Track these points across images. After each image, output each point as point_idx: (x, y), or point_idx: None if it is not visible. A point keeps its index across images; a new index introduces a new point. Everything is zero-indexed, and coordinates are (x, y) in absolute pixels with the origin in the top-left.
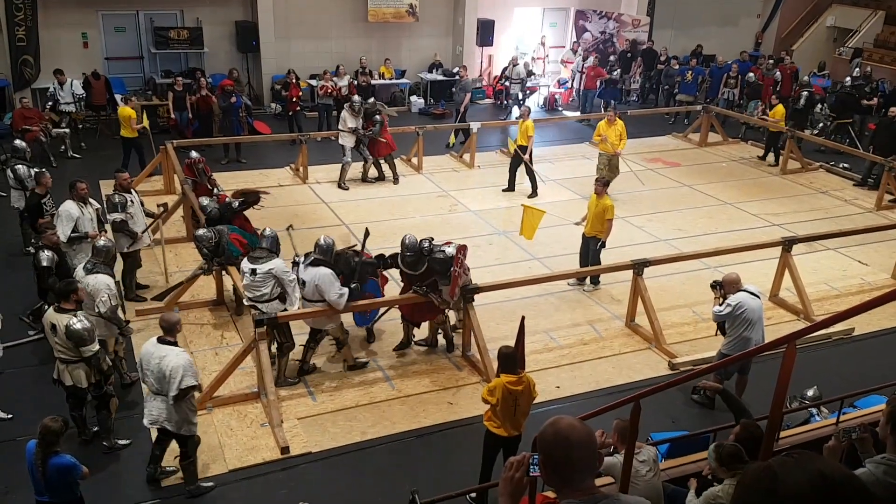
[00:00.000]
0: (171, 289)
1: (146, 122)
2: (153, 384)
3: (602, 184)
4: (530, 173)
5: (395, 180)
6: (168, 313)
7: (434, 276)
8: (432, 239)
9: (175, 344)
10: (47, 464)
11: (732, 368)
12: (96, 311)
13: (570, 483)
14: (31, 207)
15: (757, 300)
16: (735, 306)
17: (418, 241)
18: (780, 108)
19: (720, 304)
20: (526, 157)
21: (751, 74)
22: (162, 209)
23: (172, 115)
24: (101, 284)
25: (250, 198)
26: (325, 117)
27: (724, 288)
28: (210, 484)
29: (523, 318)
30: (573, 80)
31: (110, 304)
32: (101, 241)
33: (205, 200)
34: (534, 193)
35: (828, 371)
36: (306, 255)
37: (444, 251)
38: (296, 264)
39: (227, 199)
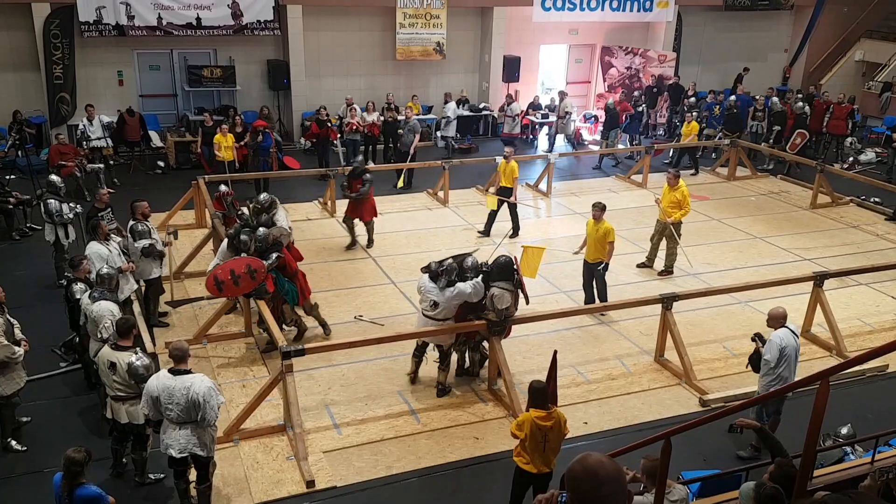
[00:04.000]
0: (191, 299)
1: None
2: (179, 416)
3: (599, 209)
4: (514, 214)
5: (370, 243)
6: (177, 342)
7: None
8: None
9: (190, 371)
10: (73, 495)
11: (770, 409)
12: (99, 336)
13: None
14: (88, 218)
15: (796, 339)
16: (781, 349)
17: (472, 260)
18: (694, 125)
19: (767, 354)
20: (512, 199)
21: (775, 99)
22: (172, 236)
23: (200, 150)
24: (105, 311)
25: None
26: (353, 152)
27: (768, 322)
28: None
29: (555, 352)
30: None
31: (113, 331)
32: (105, 269)
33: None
34: (514, 234)
35: (862, 408)
36: (435, 275)
37: (498, 259)
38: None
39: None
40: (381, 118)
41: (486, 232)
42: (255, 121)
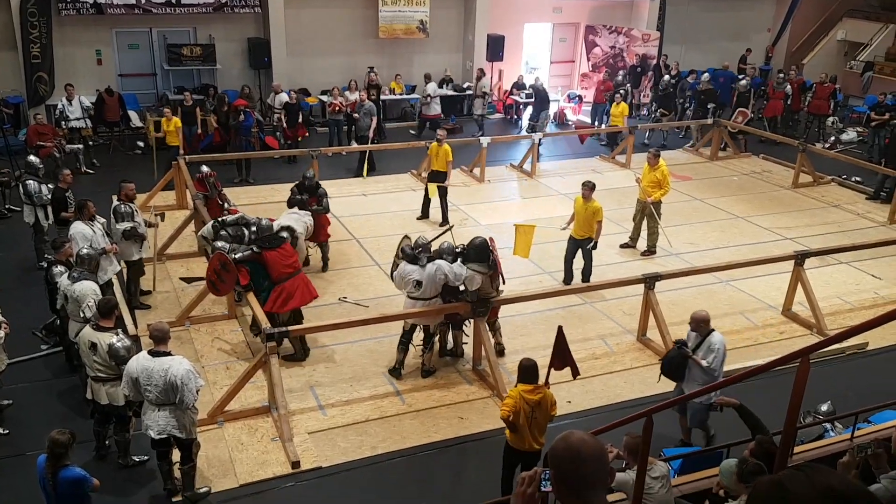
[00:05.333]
0: (198, 278)
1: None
2: (157, 397)
3: (589, 188)
4: (444, 201)
5: (325, 266)
6: (158, 323)
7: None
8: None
9: (169, 353)
10: (58, 477)
11: (699, 418)
12: (82, 316)
13: (582, 498)
14: (55, 200)
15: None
16: (722, 352)
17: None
18: (623, 106)
19: (705, 360)
20: (446, 183)
21: (705, 76)
22: (158, 217)
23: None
24: (88, 290)
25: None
26: (336, 133)
27: (692, 326)
28: (205, 489)
29: (560, 328)
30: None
31: (95, 311)
32: (85, 250)
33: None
34: (444, 221)
35: (841, 386)
36: (414, 258)
37: (474, 241)
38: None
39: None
40: (364, 94)
41: (444, 221)
42: (236, 100)
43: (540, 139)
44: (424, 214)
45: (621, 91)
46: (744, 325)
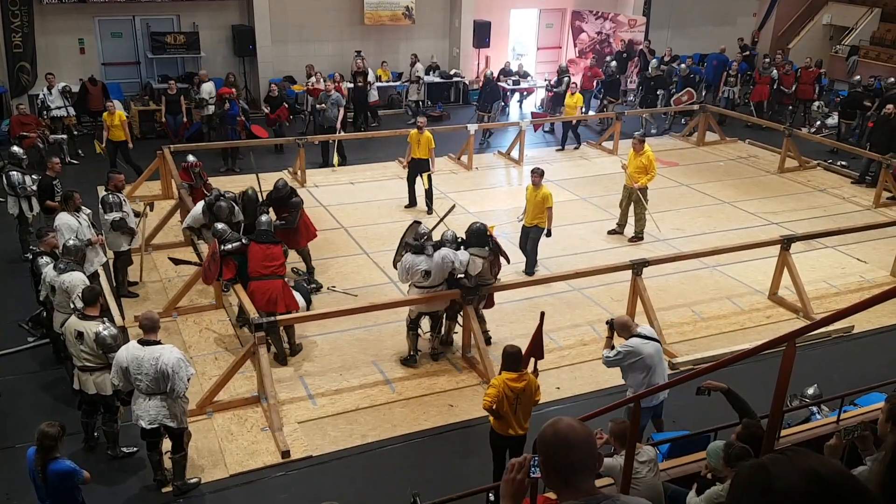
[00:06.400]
0: (185, 261)
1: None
2: (148, 386)
3: (538, 174)
4: (430, 189)
5: (311, 271)
6: (147, 312)
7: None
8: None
9: (159, 342)
10: (47, 470)
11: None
12: (71, 307)
13: (571, 484)
14: (42, 188)
15: (654, 344)
16: (626, 354)
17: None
18: (578, 97)
19: (610, 349)
20: (431, 171)
21: (654, 62)
22: (147, 208)
23: (164, 119)
24: (77, 281)
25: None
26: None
27: (618, 332)
28: (195, 480)
29: (542, 313)
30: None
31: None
32: (72, 241)
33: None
34: (430, 210)
35: (828, 369)
36: (420, 248)
37: (472, 226)
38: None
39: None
40: (350, 84)
41: (429, 209)
42: (221, 88)
43: (526, 127)
44: (412, 203)
45: (574, 83)
46: (731, 310)
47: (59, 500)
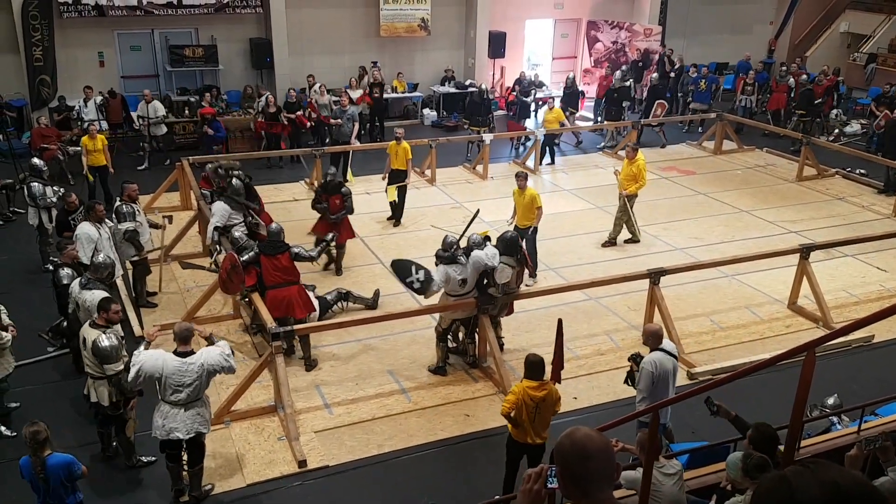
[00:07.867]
0: (197, 266)
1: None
2: (189, 395)
3: (523, 178)
4: (402, 200)
5: (339, 270)
6: (181, 323)
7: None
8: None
9: (193, 351)
10: (46, 466)
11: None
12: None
13: (588, 494)
14: (59, 223)
15: (672, 360)
16: (656, 377)
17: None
18: (557, 111)
19: (638, 380)
20: (407, 181)
21: (617, 74)
22: (166, 220)
23: (208, 130)
24: (99, 300)
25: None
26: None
27: (644, 340)
28: (209, 486)
29: (560, 321)
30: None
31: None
32: (101, 257)
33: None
34: (397, 222)
35: (848, 379)
36: (452, 258)
37: (503, 235)
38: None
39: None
40: (368, 94)
41: (396, 220)
42: (201, 109)
43: (541, 135)
44: (396, 219)
45: (552, 97)
46: (750, 320)
47: (60, 500)
